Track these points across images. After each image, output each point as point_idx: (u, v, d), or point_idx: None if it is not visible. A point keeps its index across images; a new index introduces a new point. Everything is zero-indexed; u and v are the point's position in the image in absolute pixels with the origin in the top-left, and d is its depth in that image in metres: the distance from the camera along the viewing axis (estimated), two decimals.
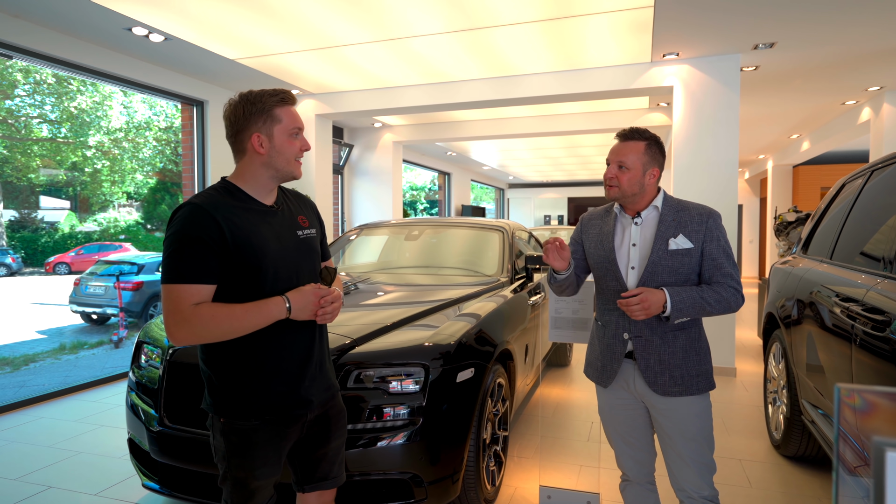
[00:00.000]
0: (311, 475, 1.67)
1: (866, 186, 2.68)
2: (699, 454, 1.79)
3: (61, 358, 7.18)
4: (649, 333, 1.80)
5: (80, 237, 15.23)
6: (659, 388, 1.79)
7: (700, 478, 1.79)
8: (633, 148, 1.80)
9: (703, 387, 1.80)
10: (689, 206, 1.84)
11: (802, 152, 9.74)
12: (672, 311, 1.70)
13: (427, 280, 3.53)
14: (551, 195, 20.09)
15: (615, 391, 1.91)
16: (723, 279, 1.75)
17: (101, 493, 2.85)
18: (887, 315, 1.90)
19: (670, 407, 1.80)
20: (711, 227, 1.78)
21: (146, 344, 2.64)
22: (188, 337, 1.40)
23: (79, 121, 14.42)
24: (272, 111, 1.49)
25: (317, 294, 1.49)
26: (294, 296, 1.47)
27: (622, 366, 1.87)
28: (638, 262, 1.82)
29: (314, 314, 1.50)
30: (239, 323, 1.41)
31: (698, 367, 1.80)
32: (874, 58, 5.13)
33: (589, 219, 2.02)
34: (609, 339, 1.88)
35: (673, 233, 1.78)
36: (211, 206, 1.44)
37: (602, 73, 5.55)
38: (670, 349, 1.79)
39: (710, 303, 1.71)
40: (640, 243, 1.83)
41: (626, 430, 1.93)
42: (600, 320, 1.95)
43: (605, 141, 10.76)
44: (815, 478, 2.99)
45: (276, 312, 1.45)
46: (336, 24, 4.57)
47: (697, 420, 1.79)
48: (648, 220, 1.85)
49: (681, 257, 1.76)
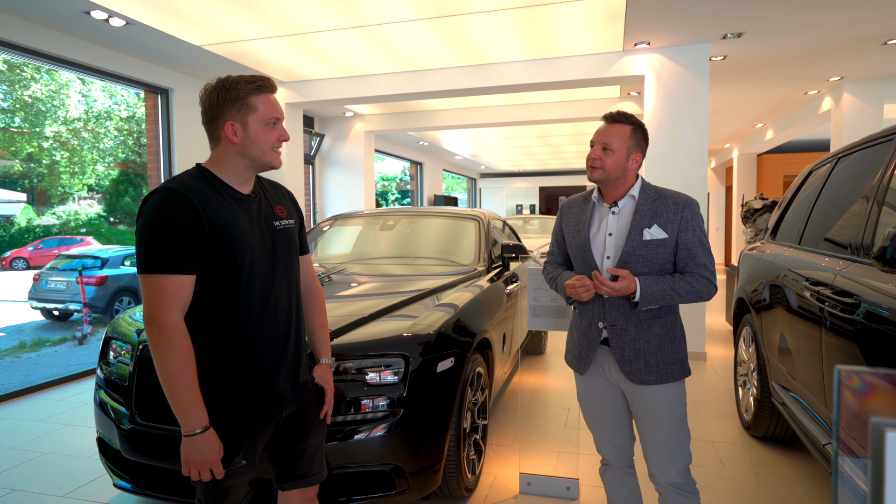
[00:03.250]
0: (291, 473, 1.63)
1: (833, 173, 2.75)
2: (670, 440, 1.81)
3: (21, 356, 6.91)
4: (624, 322, 1.80)
5: (39, 231, 14.65)
6: (634, 377, 1.80)
7: (670, 463, 1.81)
8: (618, 131, 1.79)
9: (678, 374, 1.82)
10: (667, 194, 1.83)
11: (766, 141, 10.00)
12: (641, 301, 1.73)
13: (403, 270, 3.50)
14: (523, 185, 20.20)
15: (592, 378, 1.93)
16: (696, 269, 1.76)
17: (68, 495, 2.76)
18: (856, 298, 1.95)
19: (644, 394, 1.81)
20: (687, 217, 1.78)
21: (114, 340, 2.55)
22: (154, 339, 1.33)
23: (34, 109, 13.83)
24: (247, 99, 1.42)
25: (210, 462, 1.37)
26: (204, 441, 1.35)
27: (598, 353, 1.88)
28: (613, 251, 1.82)
29: (193, 467, 1.37)
30: (177, 381, 1.32)
31: (673, 354, 1.81)
32: (835, 49, 5.28)
33: (568, 206, 2.01)
34: (585, 328, 1.90)
35: (648, 223, 1.78)
36: (187, 190, 1.37)
37: (574, 62, 5.57)
38: (645, 338, 1.80)
39: (680, 294, 1.73)
40: (616, 232, 1.83)
41: (603, 415, 1.94)
42: (578, 308, 1.96)
43: (576, 130, 10.84)
44: (785, 456, 3.09)
45: (191, 418, 1.34)
46: (306, 10, 4.46)
47: (669, 406, 1.81)
48: (625, 210, 1.84)
49: (655, 247, 1.76)
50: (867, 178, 2.29)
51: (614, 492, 2.01)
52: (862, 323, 1.89)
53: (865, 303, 1.89)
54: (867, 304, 1.88)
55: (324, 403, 1.67)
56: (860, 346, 1.90)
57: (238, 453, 1.45)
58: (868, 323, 1.85)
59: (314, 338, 1.74)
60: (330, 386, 1.69)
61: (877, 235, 2.01)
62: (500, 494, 2.71)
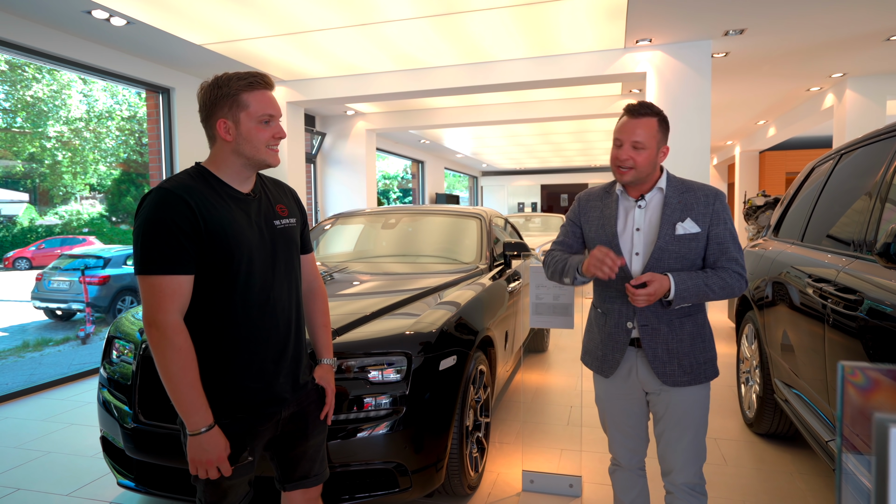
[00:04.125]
0: (292, 474, 1.62)
1: (835, 170, 2.75)
2: (694, 442, 1.76)
3: (25, 356, 6.93)
4: (656, 322, 1.72)
5: (41, 231, 14.68)
6: (668, 379, 1.72)
7: (691, 464, 1.77)
8: (646, 125, 1.66)
9: (710, 374, 1.75)
10: (695, 186, 1.74)
11: (768, 138, 9.97)
12: (675, 298, 1.63)
13: (405, 268, 3.50)
14: (524, 182, 20.20)
15: (615, 381, 1.84)
16: (727, 264, 1.67)
17: (73, 494, 2.77)
18: (859, 294, 1.95)
19: (673, 395, 1.74)
20: (718, 209, 1.70)
21: (117, 339, 2.55)
22: (154, 341, 1.33)
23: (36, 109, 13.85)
24: (238, 96, 1.41)
25: (217, 460, 1.38)
26: (210, 439, 1.36)
27: (625, 354, 1.79)
28: (643, 247, 1.72)
29: (200, 465, 1.37)
30: (179, 381, 1.32)
31: (704, 354, 1.74)
32: (838, 45, 5.26)
33: (587, 199, 1.89)
34: (611, 328, 1.79)
35: (680, 216, 1.69)
36: (183, 189, 1.36)
37: (576, 60, 5.56)
38: (678, 337, 1.72)
39: (713, 289, 1.64)
40: (645, 228, 1.73)
41: (623, 419, 1.87)
42: (600, 308, 1.85)
43: (578, 128, 10.83)
44: (788, 453, 3.08)
45: (195, 418, 1.34)
46: (307, 9, 4.46)
47: (697, 408, 1.75)
48: (653, 203, 1.74)
49: (688, 242, 1.68)
50: (870, 174, 2.28)
51: (623, 492, 1.96)
52: (865, 319, 1.88)
53: (868, 299, 1.88)
54: (870, 300, 1.87)
55: (324, 404, 1.66)
56: (863, 342, 1.89)
57: (245, 450, 1.45)
58: (871, 319, 1.85)
59: (316, 338, 1.72)
60: (331, 387, 1.68)
61: (880, 232, 2.01)
62: (502, 492, 2.72)
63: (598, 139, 12.35)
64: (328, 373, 1.69)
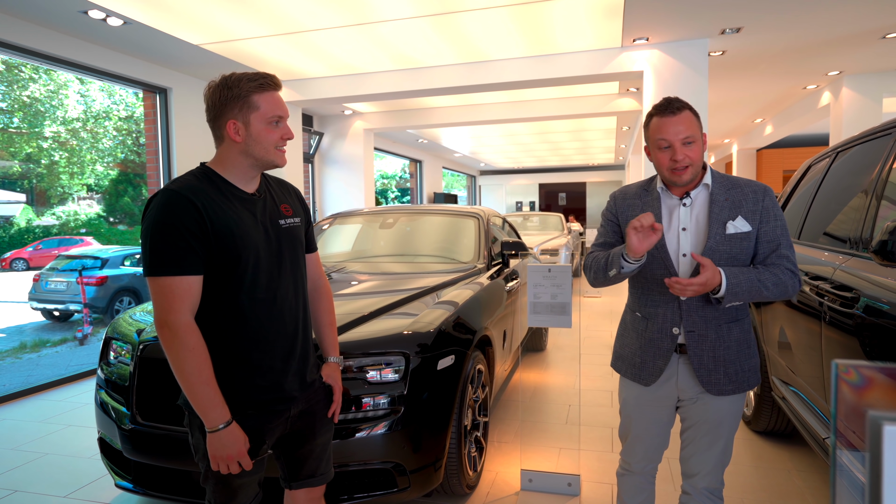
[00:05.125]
0: (298, 472, 1.63)
1: (832, 168, 2.75)
2: (726, 448, 1.71)
3: (22, 357, 6.92)
4: (704, 327, 1.63)
5: (38, 231, 14.65)
6: (713, 387, 1.64)
7: (718, 469, 1.72)
8: (688, 119, 1.58)
9: (753, 381, 1.68)
10: (741, 182, 1.65)
11: (766, 136, 9.99)
12: (727, 294, 1.53)
13: (403, 268, 3.50)
14: (522, 181, 20.21)
15: (650, 388, 1.74)
16: (779, 261, 1.58)
17: (70, 495, 2.76)
18: (855, 292, 1.95)
19: (712, 403, 1.67)
20: (769, 206, 1.61)
21: (115, 340, 2.55)
22: (167, 342, 1.34)
23: (32, 110, 13.82)
24: (249, 97, 1.41)
25: (238, 454, 1.39)
26: (229, 435, 1.37)
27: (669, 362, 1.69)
28: (690, 248, 1.63)
29: (221, 461, 1.38)
30: (194, 379, 1.34)
31: (749, 361, 1.67)
32: (834, 43, 5.27)
33: (623, 197, 1.80)
34: (653, 334, 1.69)
35: (730, 214, 1.60)
36: (189, 191, 1.38)
37: (573, 59, 5.57)
38: (725, 344, 1.63)
39: (767, 286, 1.54)
40: (692, 227, 1.64)
41: (649, 426, 1.79)
42: (640, 312, 1.75)
43: (575, 126, 10.84)
44: (785, 451, 3.09)
45: (213, 414, 1.35)
46: (304, 9, 4.46)
47: (732, 417, 1.69)
48: (698, 201, 1.65)
49: (739, 242, 1.59)
50: (866, 172, 2.28)
51: (630, 496, 1.89)
52: (861, 317, 1.89)
53: (865, 297, 1.89)
54: (866, 298, 1.88)
55: (331, 402, 1.67)
56: (860, 340, 1.90)
57: (263, 443, 1.47)
58: (867, 317, 1.85)
59: (322, 336, 1.73)
60: (338, 385, 1.69)
61: (876, 229, 2.01)
62: (501, 491, 2.72)
63: (595, 138, 12.36)
64: (335, 371, 1.70)
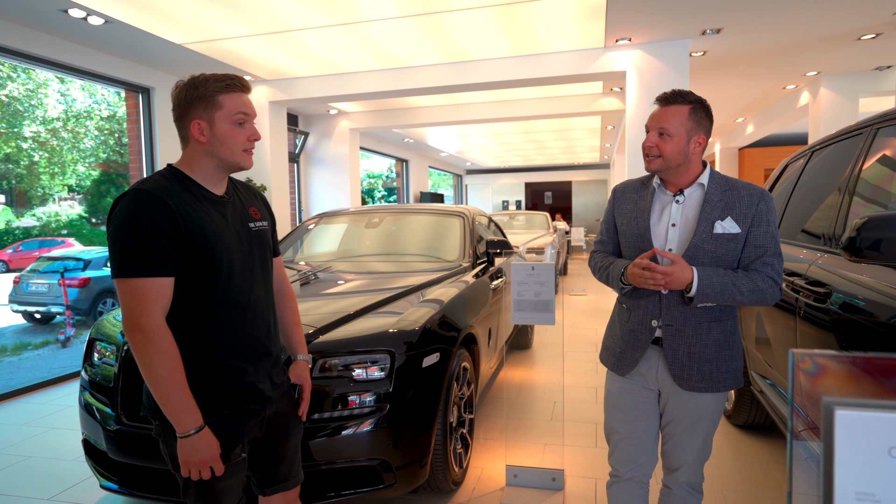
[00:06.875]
0: (272, 477, 1.61)
1: (808, 166, 2.82)
2: (706, 444, 1.72)
3: (3, 360, 6.81)
4: (682, 322, 1.63)
5: (18, 233, 14.40)
6: (684, 383, 1.64)
7: (699, 464, 1.73)
8: (675, 112, 1.60)
9: (731, 384, 1.66)
10: (739, 185, 1.64)
11: (747, 135, 10.14)
12: (697, 294, 1.54)
13: (389, 267, 3.52)
14: (509, 181, 20.29)
15: (631, 379, 1.75)
16: (762, 268, 1.57)
17: (54, 498, 2.75)
18: (828, 287, 2.01)
19: (688, 398, 1.67)
20: (762, 211, 1.59)
21: (99, 341, 2.54)
22: (138, 345, 1.31)
23: (11, 109, 13.58)
24: (215, 97, 1.39)
25: (210, 459, 1.37)
26: (201, 440, 1.35)
27: (646, 353, 1.71)
28: (676, 244, 1.65)
29: (193, 466, 1.36)
30: (166, 385, 1.31)
31: (728, 363, 1.65)
32: (812, 44, 5.37)
33: (622, 191, 1.82)
34: (634, 325, 1.71)
35: (720, 215, 1.60)
36: (161, 191, 1.34)
37: (557, 59, 5.61)
38: (702, 342, 1.63)
39: (742, 291, 1.54)
40: (682, 224, 1.65)
41: (632, 422, 1.76)
42: (625, 303, 1.77)
43: (560, 126, 10.91)
44: (765, 444, 3.16)
45: (185, 419, 1.33)
46: (289, 8, 4.45)
47: (712, 415, 1.69)
48: (692, 199, 1.66)
49: (726, 243, 1.59)
50: (840, 170, 2.35)
51: None
52: (834, 312, 1.95)
53: (836, 292, 1.94)
54: (838, 293, 1.93)
55: (300, 402, 1.67)
56: (834, 334, 1.95)
57: (236, 446, 1.45)
58: (839, 312, 1.91)
59: (290, 335, 1.73)
60: (307, 383, 1.69)
61: (847, 226, 2.07)
62: (487, 487, 2.75)
63: (580, 137, 12.45)
64: (304, 369, 1.70)
